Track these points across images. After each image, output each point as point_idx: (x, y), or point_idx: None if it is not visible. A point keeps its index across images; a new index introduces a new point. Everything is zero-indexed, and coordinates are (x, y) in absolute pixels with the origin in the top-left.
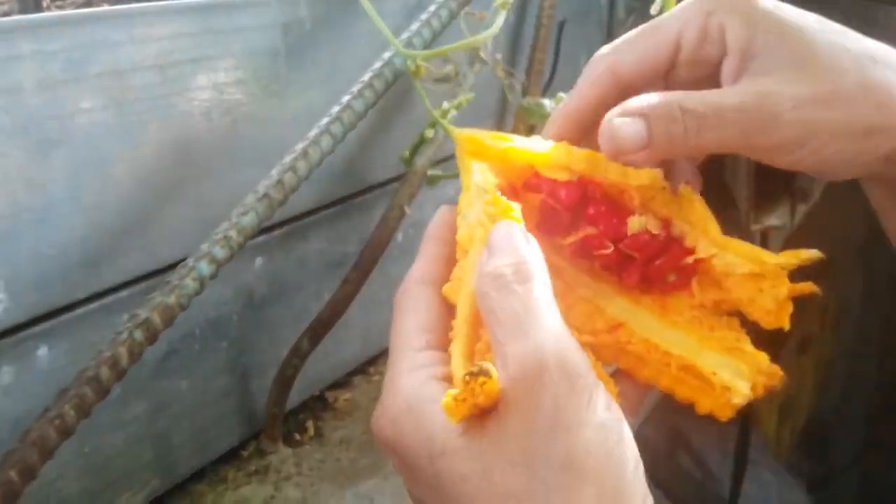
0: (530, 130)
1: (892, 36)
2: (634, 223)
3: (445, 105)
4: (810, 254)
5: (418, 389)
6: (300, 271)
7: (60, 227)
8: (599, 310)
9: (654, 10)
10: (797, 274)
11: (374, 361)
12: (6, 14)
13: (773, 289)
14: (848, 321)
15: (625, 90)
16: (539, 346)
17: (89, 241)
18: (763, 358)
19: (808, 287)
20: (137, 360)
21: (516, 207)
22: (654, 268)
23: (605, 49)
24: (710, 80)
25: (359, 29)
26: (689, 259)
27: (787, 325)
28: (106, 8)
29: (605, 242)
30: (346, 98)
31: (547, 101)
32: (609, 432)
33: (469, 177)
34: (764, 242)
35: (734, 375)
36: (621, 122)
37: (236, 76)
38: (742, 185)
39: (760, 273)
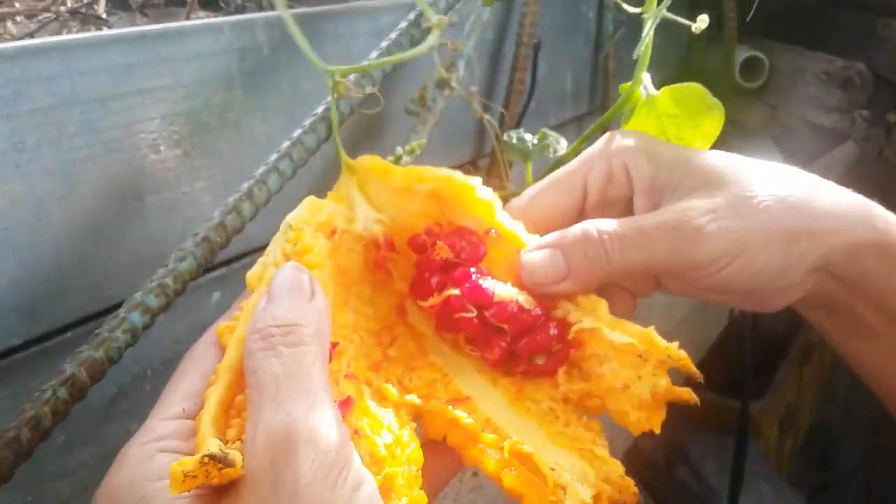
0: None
1: (891, 48)
2: (502, 290)
3: (412, 143)
4: (697, 375)
5: (145, 464)
6: None
7: None
8: (446, 379)
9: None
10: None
11: None
12: None
13: (654, 377)
14: None
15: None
16: (290, 417)
17: (23, 284)
18: (615, 467)
19: (686, 393)
20: (62, 419)
21: (320, 248)
22: (522, 344)
23: (515, 202)
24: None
25: (321, 53)
26: (573, 329)
27: (657, 429)
28: (41, 40)
29: (468, 306)
30: (296, 133)
31: (528, 136)
32: None
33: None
34: None
35: (577, 478)
36: (534, 254)
37: (187, 106)
38: None
39: (643, 356)
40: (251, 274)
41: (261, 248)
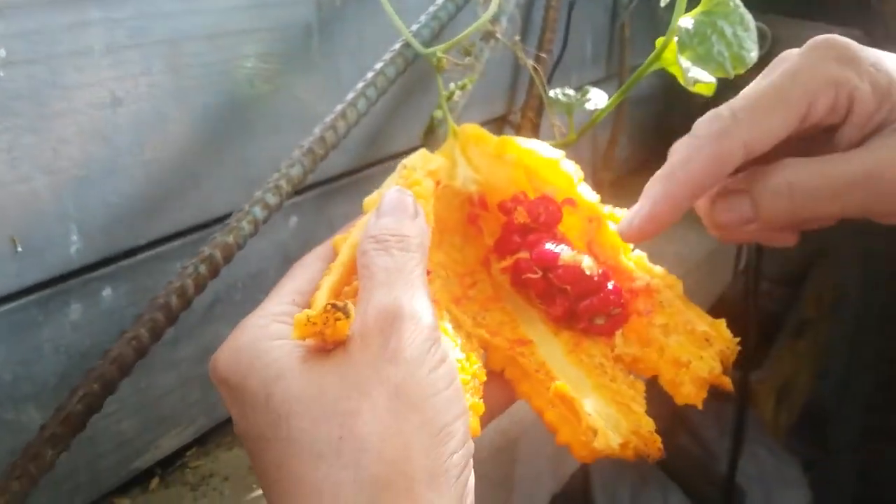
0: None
1: (886, 18)
2: (566, 254)
3: (452, 86)
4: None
5: (263, 328)
6: (329, 231)
7: (125, 178)
8: (514, 323)
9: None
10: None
11: None
12: None
13: (712, 360)
14: (846, 307)
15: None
16: (398, 299)
17: (149, 192)
18: (647, 423)
19: (727, 383)
20: (201, 291)
21: (427, 186)
22: (583, 305)
23: (729, 122)
24: (823, 139)
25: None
26: (657, 298)
27: (700, 405)
28: None
29: (534, 268)
30: (379, 65)
31: (571, 91)
32: (440, 379)
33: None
34: None
35: (610, 426)
36: (724, 202)
37: (277, 48)
38: None
39: (709, 340)
40: (367, 200)
41: (326, 182)
